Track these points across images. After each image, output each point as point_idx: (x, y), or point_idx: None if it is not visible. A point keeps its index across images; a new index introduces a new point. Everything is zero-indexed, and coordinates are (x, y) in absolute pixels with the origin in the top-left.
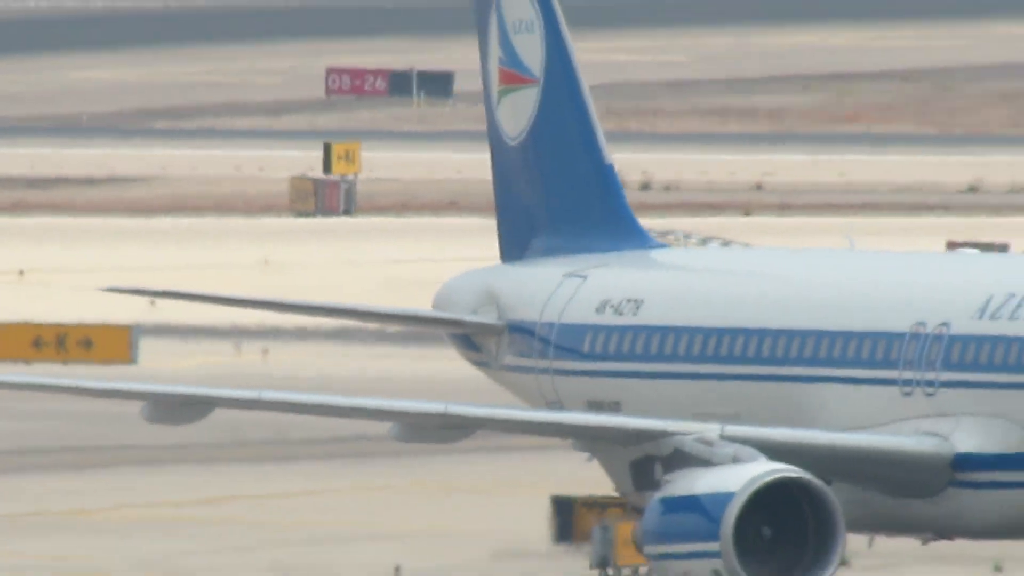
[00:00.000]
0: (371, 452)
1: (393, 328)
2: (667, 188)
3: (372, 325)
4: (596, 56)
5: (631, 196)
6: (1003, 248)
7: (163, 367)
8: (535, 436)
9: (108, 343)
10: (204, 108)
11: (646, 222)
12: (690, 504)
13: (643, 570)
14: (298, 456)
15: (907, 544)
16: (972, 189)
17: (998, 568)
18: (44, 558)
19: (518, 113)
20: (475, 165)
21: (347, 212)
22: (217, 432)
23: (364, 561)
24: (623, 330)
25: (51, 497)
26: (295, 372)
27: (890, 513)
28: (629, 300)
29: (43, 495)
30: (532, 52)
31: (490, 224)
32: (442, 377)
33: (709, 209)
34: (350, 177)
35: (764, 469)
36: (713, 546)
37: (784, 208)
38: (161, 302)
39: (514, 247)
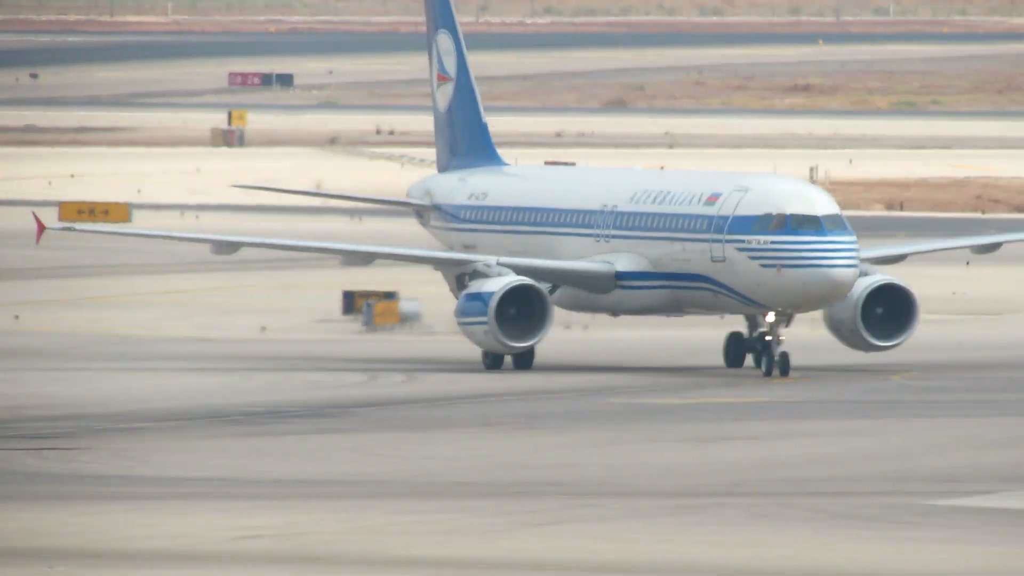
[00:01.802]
0: (253, 268)
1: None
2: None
3: (370, 207)
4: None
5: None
6: (570, 164)
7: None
8: (412, 264)
9: (117, 213)
10: (164, 93)
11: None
12: (476, 297)
13: (391, 327)
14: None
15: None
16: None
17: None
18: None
19: (444, 96)
20: (300, 122)
21: (240, 146)
22: None
23: (238, 324)
24: (478, 208)
25: None
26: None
27: (588, 302)
28: (482, 192)
29: None
30: (451, 65)
31: (293, 151)
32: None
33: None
34: (241, 128)
35: (511, 279)
36: (485, 319)
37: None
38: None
39: (442, 164)
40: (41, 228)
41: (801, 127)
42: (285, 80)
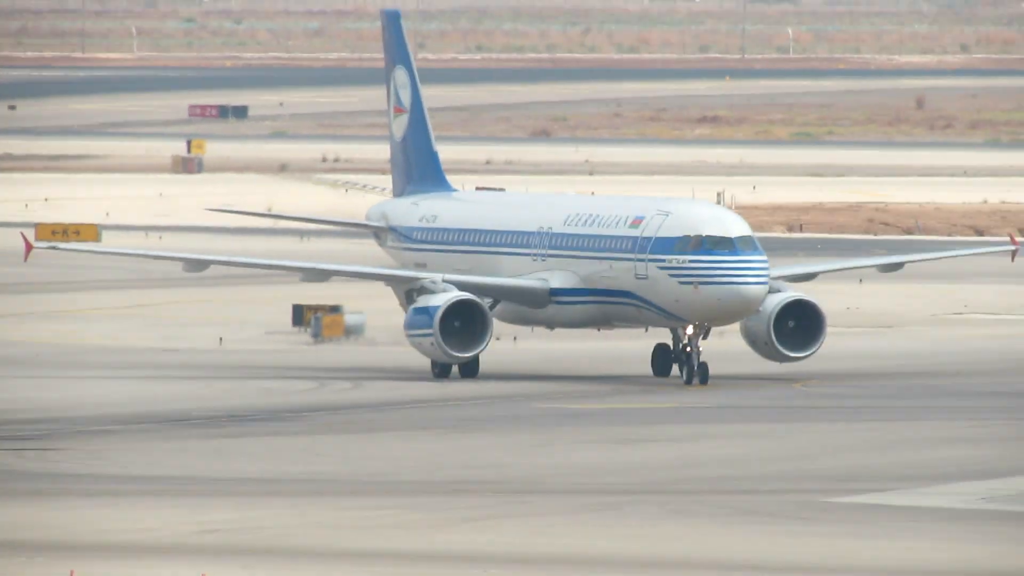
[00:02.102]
0: (211, 284)
1: (336, 229)
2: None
3: (329, 228)
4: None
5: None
6: (499, 189)
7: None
8: (364, 280)
9: (87, 233)
10: (129, 123)
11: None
12: (422, 311)
13: (337, 339)
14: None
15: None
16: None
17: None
18: None
19: (400, 127)
20: (256, 151)
21: (199, 172)
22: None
23: (198, 335)
24: (429, 230)
25: None
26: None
27: (526, 316)
28: (432, 215)
29: None
30: (406, 98)
31: (248, 178)
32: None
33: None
34: (200, 156)
35: (454, 295)
36: (430, 331)
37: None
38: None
39: (397, 190)
40: (29, 247)
41: (709, 155)
42: (240, 112)
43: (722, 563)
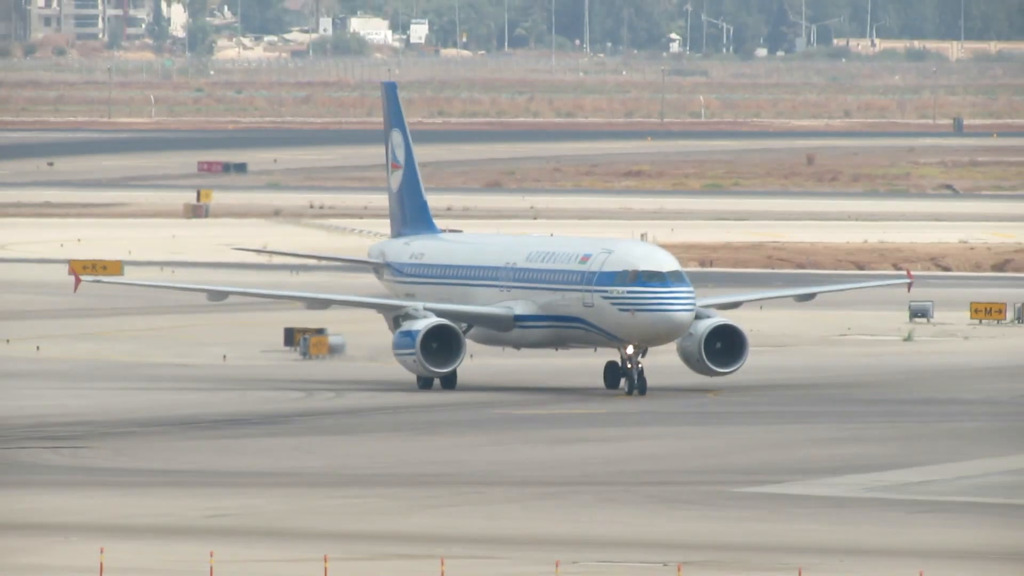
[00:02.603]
0: (215, 310)
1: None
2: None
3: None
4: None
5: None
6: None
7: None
8: (357, 308)
9: (113, 268)
10: (147, 177)
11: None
12: (406, 334)
13: (322, 356)
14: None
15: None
16: None
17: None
18: None
19: (396, 180)
20: (254, 200)
21: (206, 217)
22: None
23: (205, 353)
24: (417, 265)
25: None
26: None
27: (494, 338)
28: (420, 253)
29: None
30: (401, 156)
31: (247, 222)
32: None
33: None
34: (207, 203)
35: (432, 320)
36: (413, 351)
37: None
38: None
39: (394, 233)
40: (78, 281)
41: (634, 203)
42: (240, 167)
43: (647, 542)
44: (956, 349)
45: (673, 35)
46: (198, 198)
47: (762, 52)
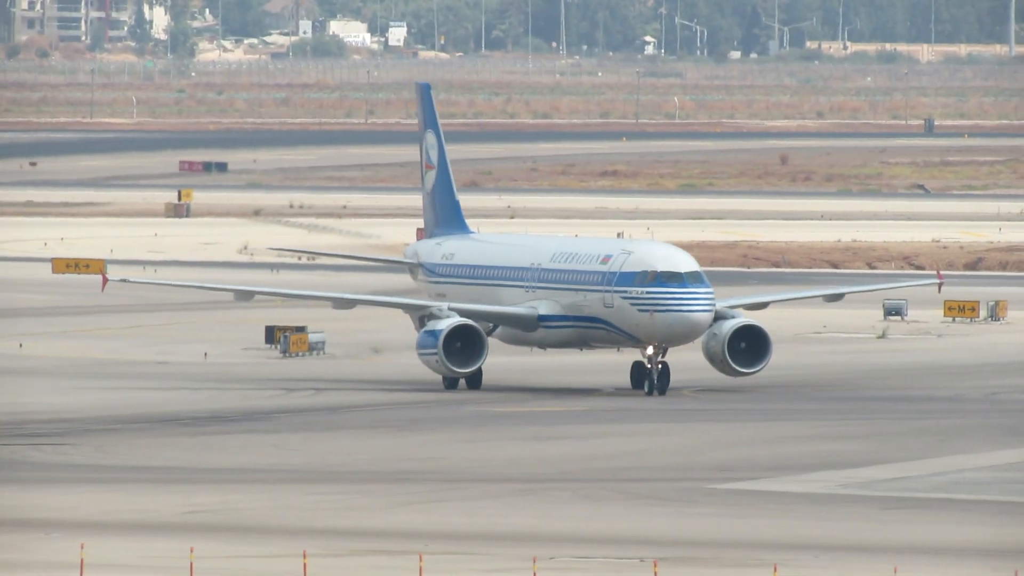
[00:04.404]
0: (197, 308)
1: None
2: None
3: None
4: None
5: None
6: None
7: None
8: (383, 307)
9: (95, 266)
10: (130, 176)
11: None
12: (430, 334)
13: (302, 354)
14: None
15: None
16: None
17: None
18: None
19: (429, 180)
20: (234, 199)
21: (187, 216)
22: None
23: (186, 351)
24: (448, 266)
25: None
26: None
27: (520, 338)
28: (451, 253)
29: None
30: (434, 157)
31: (228, 221)
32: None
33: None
34: (188, 203)
35: (456, 320)
36: (436, 350)
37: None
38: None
39: (427, 233)
40: (105, 281)
41: (610, 202)
42: (221, 167)
43: (624, 538)
44: (930, 347)
45: (648, 38)
46: (179, 197)
47: (736, 54)
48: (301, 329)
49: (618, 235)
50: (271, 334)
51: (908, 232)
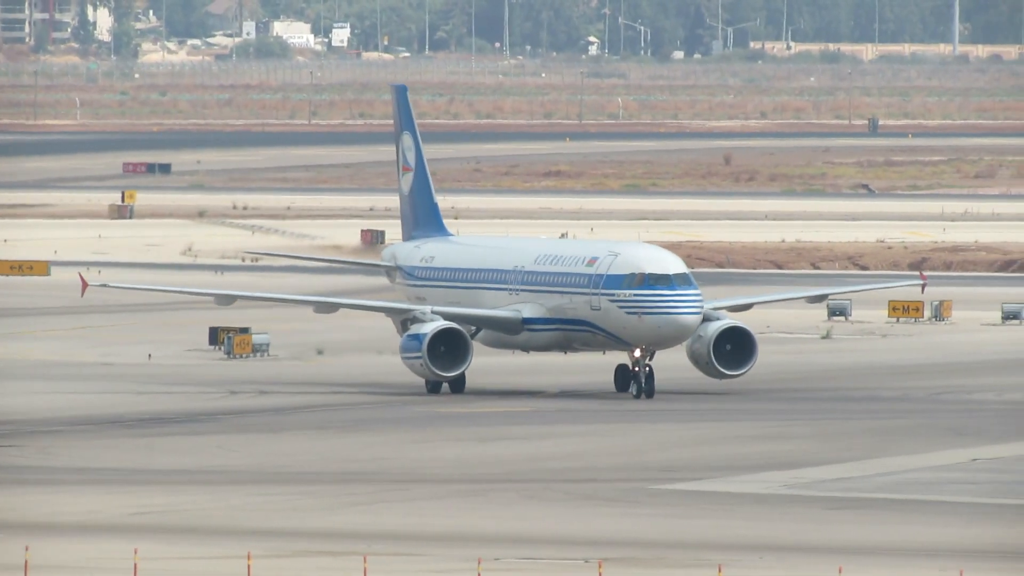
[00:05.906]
0: (140, 310)
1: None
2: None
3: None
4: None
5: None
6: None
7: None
8: (367, 311)
9: (39, 268)
10: (73, 178)
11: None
12: (414, 338)
13: (246, 355)
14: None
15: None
16: None
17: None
18: None
19: (406, 183)
20: (178, 201)
21: (130, 218)
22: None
23: (130, 352)
24: (427, 269)
25: None
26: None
27: (503, 341)
28: (430, 256)
29: None
30: (411, 159)
31: (172, 222)
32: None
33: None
34: (132, 204)
35: (440, 324)
36: (419, 354)
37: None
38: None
39: (405, 235)
40: (85, 285)
41: (554, 203)
42: (165, 168)
43: (568, 539)
44: (874, 347)
45: (591, 38)
46: (123, 199)
47: (679, 55)
48: (245, 330)
49: (562, 235)
50: (215, 335)
51: (852, 232)
